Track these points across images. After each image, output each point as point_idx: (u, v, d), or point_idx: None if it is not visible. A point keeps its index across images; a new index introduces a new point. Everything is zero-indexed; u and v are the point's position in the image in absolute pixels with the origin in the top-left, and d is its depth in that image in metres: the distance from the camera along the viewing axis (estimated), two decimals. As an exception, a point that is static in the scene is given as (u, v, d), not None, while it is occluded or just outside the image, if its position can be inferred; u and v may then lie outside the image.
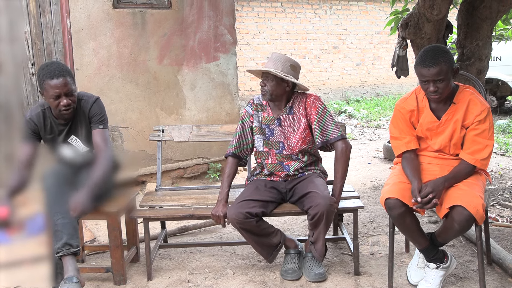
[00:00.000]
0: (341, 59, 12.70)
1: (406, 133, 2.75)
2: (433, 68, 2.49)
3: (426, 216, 3.89)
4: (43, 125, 2.87)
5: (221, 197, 2.97)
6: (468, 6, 4.24)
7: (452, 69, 2.54)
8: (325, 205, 2.73)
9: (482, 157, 2.59)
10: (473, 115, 2.59)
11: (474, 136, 2.60)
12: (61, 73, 2.70)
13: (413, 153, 2.74)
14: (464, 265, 3.06)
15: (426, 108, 2.71)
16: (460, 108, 2.62)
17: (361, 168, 5.90)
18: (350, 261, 3.16)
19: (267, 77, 2.93)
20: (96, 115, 2.89)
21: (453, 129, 2.64)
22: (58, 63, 2.81)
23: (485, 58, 4.28)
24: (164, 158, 4.95)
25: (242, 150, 3.11)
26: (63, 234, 2.58)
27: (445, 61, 2.50)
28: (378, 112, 10.41)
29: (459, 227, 2.45)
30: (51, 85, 2.68)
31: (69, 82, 2.72)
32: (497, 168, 5.53)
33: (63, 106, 2.72)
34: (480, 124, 2.58)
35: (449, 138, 2.66)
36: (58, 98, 2.70)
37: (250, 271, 3.11)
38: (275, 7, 11.40)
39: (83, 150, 2.95)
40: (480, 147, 2.59)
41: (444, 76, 2.51)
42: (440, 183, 2.54)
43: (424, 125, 2.71)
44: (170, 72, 4.96)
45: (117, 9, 4.65)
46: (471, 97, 2.62)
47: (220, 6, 5.16)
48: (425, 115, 2.71)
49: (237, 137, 3.11)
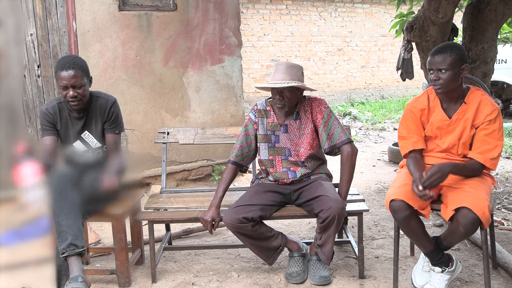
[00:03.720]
0: (346, 62, 12.68)
1: (414, 132, 2.76)
2: (438, 56, 2.55)
3: (431, 220, 3.88)
4: (58, 117, 2.97)
5: (214, 202, 2.96)
6: (474, 9, 4.23)
7: (459, 64, 2.56)
8: (337, 209, 2.73)
9: (492, 157, 2.59)
10: (483, 115, 2.60)
11: (484, 136, 2.60)
12: (71, 66, 2.81)
13: (419, 153, 2.75)
14: (469, 269, 3.05)
15: (438, 107, 2.72)
16: (471, 108, 2.64)
17: (366, 170, 5.89)
18: (355, 264, 3.16)
19: (284, 89, 2.86)
20: (114, 118, 3.00)
21: (463, 128, 2.65)
22: (75, 57, 2.93)
23: (490, 61, 4.26)
24: (169, 160, 4.96)
25: (244, 158, 3.10)
26: (68, 234, 2.59)
27: (452, 53, 2.54)
28: (383, 114, 10.39)
29: (464, 229, 2.44)
30: (60, 76, 2.80)
31: (77, 75, 2.81)
32: (502, 171, 5.51)
33: (69, 97, 2.83)
34: (490, 124, 2.59)
35: (459, 137, 2.66)
36: (65, 89, 2.82)
37: (255, 274, 3.11)
38: (280, 10, 11.40)
39: (95, 146, 3.01)
40: (490, 147, 2.59)
41: (448, 66, 2.54)
42: (447, 166, 2.53)
43: (435, 124, 2.72)
44: (175, 74, 4.98)
45: (122, 12, 4.66)
46: (482, 97, 2.64)
47: (225, 9, 5.17)
48: (436, 114, 2.72)
49: (239, 145, 3.09)
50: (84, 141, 2.99)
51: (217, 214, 2.92)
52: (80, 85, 2.83)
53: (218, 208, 2.95)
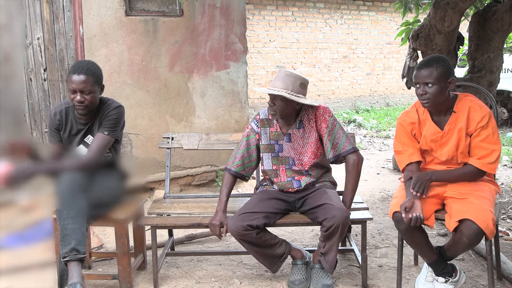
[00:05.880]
0: (351, 69, 12.68)
1: (408, 145, 2.76)
2: (424, 70, 2.55)
3: (436, 229, 3.86)
4: (64, 121, 2.98)
5: (220, 207, 2.97)
6: (480, 18, 4.22)
7: (445, 78, 2.56)
8: (341, 217, 2.72)
9: (490, 161, 2.60)
10: (475, 122, 2.60)
11: (479, 142, 2.61)
12: (84, 71, 2.82)
13: (416, 165, 2.74)
14: (473, 279, 3.02)
15: (428, 120, 2.72)
16: (462, 116, 2.63)
17: (370, 178, 5.87)
18: (358, 273, 3.14)
19: (276, 97, 2.84)
20: (109, 120, 2.93)
21: (458, 138, 2.64)
22: (90, 62, 2.94)
23: (496, 70, 4.25)
24: (173, 165, 4.95)
25: (245, 168, 3.08)
26: (71, 239, 2.58)
27: (438, 67, 2.54)
28: (388, 122, 10.37)
29: (468, 241, 2.43)
30: (71, 79, 2.82)
31: (88, 81, 2.80)
32: (507, 181, 5.48)
33: (76, 102, 2.82)
34: (483, 130, 2.59)
35: (456, 147, 2.66)
36: (74, 93, 2.82)
37: (257, 281, 3.09)
38: (286, 16, 11.43)
39: None
40: (487, 152, 2.60)
41: (434, 80, 2.53)
42: (426, 174, 2.62)
43: (428, 137, 2.72)
44: (181, 80, 4.99)
45: (129, 17, 4.68)
46: (471, 104, 2.64)
47: (231, 15, 5.19)
48: (428, 127, 2.72)
49: (240, 156, 3.06)
50: (87, 146, 2.97)
51: (225, 218, 2.92)
52: (89, 92, 2.82)
53: (225, 213, 2.96)
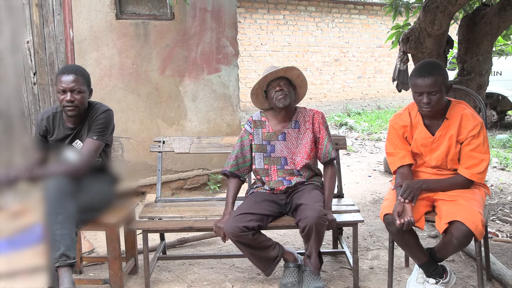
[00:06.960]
0: (342, 72, 12.74)
1: (400, 148, 2.78)
2: (428, 79, 2.54)
3: (426, 231, 3.88)
4: (51, 126, 2.96)
5: (227, 211, 3.00)
6: (469, 22, 4.26)
7: (446, 84, 2.59)
8: (313, 218, 2.73)
9: (479, 171, 2.62)
10: (466, 130, 2.62)
11: (469, 151, 2.63)
12: (73, 71, 2.83)
13: (407, 168, 2.76)
14: (463, 280, 3.04)
15: (420, 124, 2.74)
16: (453, 124, 2.65)
17: (361, 181, 5.89)
18: (350, 275, 3.15)
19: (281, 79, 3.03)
20: (98, 124, 2.90)
21: (449, 144, 2.66)
22: (78, 66, 2.96)
23: (485, 73, 4.29)
24: (165, 169, 4.95)
25: (240, 168, 3.13)
26: (61, 244, 2.57)
27: (440, 75, 2.56)
28: (379, 125, 10.42)
29: (458, 242, 2.45)
30: (60, 79, 2.81)
31: (78, 81, 2.81)
32: (497, 182, 5.52)
33: (65, 101, 2.80)
34: (474, 139, 2.61)
35: (445, 154, 2.68)
36: (63, 93, 2.81)
37: (249, 284, 3.09)
38: (277, 19, 11.46)
39: None
40: (476, 162, 2.62)
41: (438, 88, 2.55)
42: (416, 183, 2.61)
43: (418, 141, 2.74)
44: (172, 83, 4.98)
45: (120, 20, 4.68)
46: (464, 112, 2.65)
47: (222, 18, 5.19)
48: (419, 131, 2.74)
49: (234, 156, 3.13)
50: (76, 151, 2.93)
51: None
52: (79, 91, 2.81)
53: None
